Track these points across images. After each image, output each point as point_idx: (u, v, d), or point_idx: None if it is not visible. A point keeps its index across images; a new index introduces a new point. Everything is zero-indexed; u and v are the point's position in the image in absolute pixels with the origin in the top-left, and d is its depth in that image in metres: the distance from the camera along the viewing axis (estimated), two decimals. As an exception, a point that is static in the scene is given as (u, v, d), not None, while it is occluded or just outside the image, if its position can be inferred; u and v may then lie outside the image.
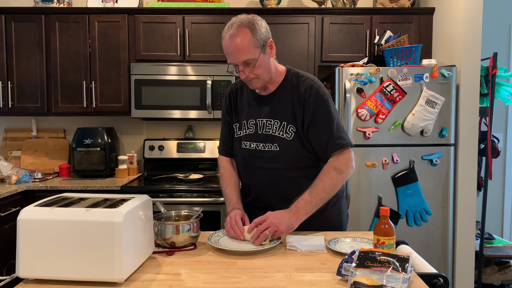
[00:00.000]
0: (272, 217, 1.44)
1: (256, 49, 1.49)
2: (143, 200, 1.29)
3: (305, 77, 1.63)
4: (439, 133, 2.77)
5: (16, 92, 3.19)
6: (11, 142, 3.54)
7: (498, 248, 3.00)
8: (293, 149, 1.59)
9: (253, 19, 1.52)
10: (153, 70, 3.12)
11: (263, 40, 1.51)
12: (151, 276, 1.20)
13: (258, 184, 1.68)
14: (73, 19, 3.16)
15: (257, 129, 1.64)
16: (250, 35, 1.48)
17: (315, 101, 1.57)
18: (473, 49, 2.78)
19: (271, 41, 1.56)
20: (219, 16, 3.17)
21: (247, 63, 1.50)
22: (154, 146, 3.41)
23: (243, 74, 1.52)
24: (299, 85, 1.60)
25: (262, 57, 1.51)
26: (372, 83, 2.73)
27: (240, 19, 1.50)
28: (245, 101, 1.70)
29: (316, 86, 1.59)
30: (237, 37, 1.47)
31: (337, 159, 1.56)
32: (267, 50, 1.54)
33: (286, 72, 1.66)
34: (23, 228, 1.13)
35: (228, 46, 1.49)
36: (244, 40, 1.47)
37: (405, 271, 1.05)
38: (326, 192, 1.53)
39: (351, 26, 3.17)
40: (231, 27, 1.50)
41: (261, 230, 1.41)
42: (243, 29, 1.48)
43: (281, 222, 1.43)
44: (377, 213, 2.78)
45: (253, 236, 1.42)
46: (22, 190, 2.83)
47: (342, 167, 1.55)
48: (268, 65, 1.56)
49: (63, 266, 1.12)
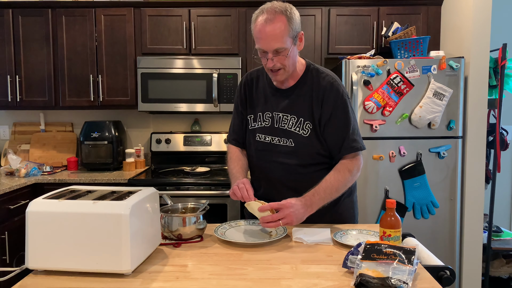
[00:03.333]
0: (291, 209, 1.40)
1: (289, 39, 1.45)
2: (150, 193, 1.29)
3: (325, 74, 1.60)
4: (446, 125, 2.74)
5: (24, 86, 3.21)
6: (20, 136, 3.58)
7: (506, 241, 2.98)
8: (309, 146, 1.58)
9: (290, 7, 1.47)
10: (160, 63, 3.12)
11: (296, 31, 1.48)
12: (158, 268, 1.21)
13: (269, 178, 1.67)
14: (80, 13, 3.17)
15: (273, 122, 1.61)
16: (287, 23, 1.44)
17: (335, 100, 1.55)
18: (482, 40, 2.74)
19: (302, 33, 1.53)
20: (225, 8, 3.16)
21: (278, 52, 1.46)
22: (161, 140, 3.42)
23: (271, 63, 1.48)
24: (319, 82, 1.58)
25: (293, 48, 1.48)
26: (379, 75, 2.71)
27: (277, 5, 1.45)
28: (261, 92, 1.67)
29: (336, 85, 1.57)
30: (273, 23, 1.42)
31: (350, 162, 1.56)
32: (297, 42, 1.51)
33: (306, 67, 1.62)
34: (32, 220, 1.14)
35: (262, 31, 1.44)
36: (280, 27, 1.43)
37: (411, 263, 1.05)
38: (338, 192, 1.54)
39: (358, 18, 3.15)
40: (267, 11, 1.44)
41: (276, 218, 1.39)
42: (280, 16, 1.43)
43: (296, 217, 1.42)
44: (383, 205, 2.77)
45: (265, 219, 1.39)
46: (31, 183, 2.86)
47: (354, 170, 1.56)
48: (295, 58, 1.54)
49: (71, 257, 1.13)
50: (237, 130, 1.75)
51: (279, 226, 1.41)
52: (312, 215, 1.62)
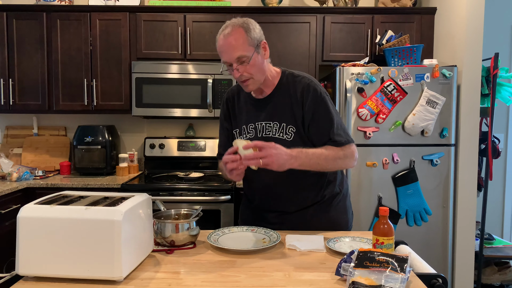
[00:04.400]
0: (273, 150, 1.38)
1: (250, 47, 1.50)
2: (143, 199, 1.29)
3: (301, 77, 1.63)
4: (439, 133, 2.77)
5: (17, 90, 3.19)
6: (12, 140, 3.55)
7: (498, 248, 3.00)
8: None
9: (247, 20, 1.54)
10: (154, 68, 3.12)
11: (257, 40, 1.52)
12: (150, 275, 1.20)
13: (262, 187, 1.67)
14: (75, 17, 3.17)
15: (256, 133, 1.63)
16: (244, 33, 1.49)
17: (314, 99, 1.57)
18: (475, 49, 2.77)
19: (264, 42, 1.56)
20: (221, 14, 3.17)
21: (241, 61, 1.50)
22: (154, 145, 3.41)
23: (237, 73, 1.52)
24: (296, 85, 1.60)
25: (256, 56, 1.52)
26: (373, 82, 2.73)
27: (234, 21, 1.53)
28: (242, 106, 1.70)
29: (312, 85, 1.60)
30: (231, 35, 1.49)
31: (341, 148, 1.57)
32: (261, 51, 1.54)
33: (281, 74, 1.65)
34: (23, 225, 1.13)
35: (223, 45, 1.51)
36: (238, 38, 1.48)
37: (404, 271, 1.05)
38: (326, 162, 1.52)
39: (352, 26, 3.17)
40: (225, 28, 1.52)
41: (257, 156, 1.37)
42: (238, 28, 1.50)
43: (277, 160, 1.39)
44: (377, 212, 2.78)
45: (247, 156, 1.38)
46: (23, 188, 2.83)
47: (348, 154, 1.56)
48: (262, 66, 1.55)
49: (62, 264, 1.12)
50: (223, 146, 1.75)
51: (258, 165, 1.38)
52: (305, 220, 1.63)
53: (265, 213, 1.69)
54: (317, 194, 1.65)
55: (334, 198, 1.69)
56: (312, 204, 1.65)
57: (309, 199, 1.65)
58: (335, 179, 1.69)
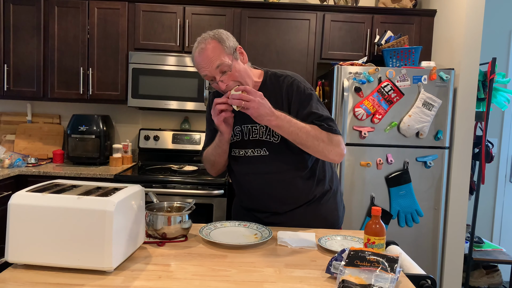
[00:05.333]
0: (259, 98, 1.39)
1: (228, 56, 1.48)
2: (136, 190, 1.28)
3: (284, 76, 1.60)
4: (434, 135, 2.78)
5: (12, 76, 3.16)
6: (5, 126, 3.52)
7: (487, 252, 3.03)
8: (282, 151, 1.57)
9: (218, 31, 1.52)
10: (152, 59, 3.10)
11: (232, 47, 1.50)
12: (141, 266, 1.20)
13: (253, 190, 1.66)
14: (73, 4, 3.13)
15: (243, 135, 1.61)
16: (218, 44, 1.47)
17: (299, 96, 1.56)
18: (472, 54, 2.78)
19: (240, 47, 1.54)
20: (220, 8, 3.15)
21: (223, 70, 1.47)
22: (149, 136, 3.40)
23: (222, 85, 1.48)
24: (279, 85, 1.58)
25: (235, 63, 1.50)
26: (370, 82, 2.73)
27: (205, 35, 1.51)
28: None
29: (296, 82, 1.58)
30: (206, 50, 1.46)
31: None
32: (238, 56, 1.52)
33: (264, 75, 1.63)
34: (13, 213, 1.12)
35: (200, 61, 1.48)
36: (213, 50, 1.46)
37: (394, 272, 1.06)
38: (307, 136, 1.47)
39: (352, 25, 3.17)
40: (198, 44, 1.50)
41: (242, 97, 1.38)
42: (210, 40, 1.48)
43: (258, 109, 1.39)
44: (369, 212, 2.79)
45: (233, 95, 1.39)
46: (15, 175, 2.81)
47: (333, 141, 1.51)
48: (245, 70, 1.53)
49: (52, 252, 1.11)
50: (209, 142, 1.72)
51: (241, 104, 1.39)
52: (296, 219, 1.63)
53: (256, 213, 1.68)
54: (308, 194, 1.64)
55: (325, 195, 1.68)
56: (303, 204, 1.65)
57: (300, 199, 1.64)
58: (325, 177, 1.68)
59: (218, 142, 1.60)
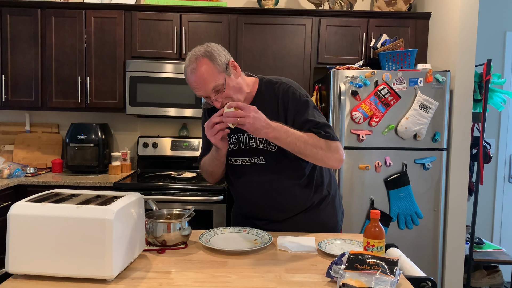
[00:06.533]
0: (253, 113, 1.38)
1: (220, 74, 1.46)
2: (135, 198, 1.29)
3: (279, 83, 1.59)
4: (432, 137, 2.79)
5: (10, 86, 3.17)
6: (4, 136, 3.52)
7: (488, 252, 3.03)
8: (279, 159, 1.57)
9: (208, 47, 1.49)
10: (149, 67, 3.11)
11: (224, 64, 1.48)
12: (141, 274, 1.20)
13: (251, 198, 1.66)
14: (70, 14, 3.15)
15: (239, 144, 1.61)
16: (210, 62, 1.45)
17: (295, 104, 1.55)
18: (468, 55, 2.80)
19: (232, 61, 1.52)
20: (217, 15, 3.17)
21: (217, 90, 1.47)
22: (148, 144, 3.40)
23: (217, 103, 1.48)
24: (275, 92, 1.57)
25: (228, 80, 1.48)
26: (367, 86, 2.75)
27: (196, 51, 1.48)
28: None
29: (292, 90, 1.57)
30: (198, 70, 1.45)
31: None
32: (231, 71, 1.51)
33: (258, 83, 1.62)
34: (13, 223, 1.13)
35: (193, 82, 1.47)
36: (206, 70, 1.44)
37: (394, 274, 1.06)
38: (305, 146, 1.46)
39: (347, 29, 3.19)
40: (190, 62, 1.47)
41: (237, 114, 1.37)
42: (202, 59, 1.45)
43: (254, 122, 1.37)
44: (368, 215, 2.79)
45: (227, 113, 1.38)
46: (14, 185, 2.81)
47: (332, 147, 1.50)
48: (237, 86, 1.52)
49: (53, 262, 1.12)
50: (205, 150, 1.73)
51: (235, 122, 1.37)
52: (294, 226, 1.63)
53: (255, 220, 1.68)
54: (306, 201, 1.64)
55: (323, 201, 1.68)
56: (302, 211, 1.65)
57: (298, 207, 1.64)
58: (323, 183, 1.68)
59: (215, 155, 1.59)
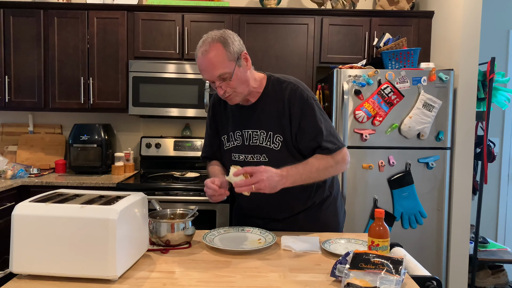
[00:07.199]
0: (264, 174, 1.37)
1: (230, 63, 1.45)
2: (139, 198, 1.29)
3: (287, 82, 1.59)
4: (435, 136, 2.78)
5: (13, 87, 3.17)
6: (7, 137, 3.53)
7: (492, 252, 3.01)
8: (282, 159, 1.55)
9: (225, 33, 1.49)
10: (152, 67, 3.11)
11: (237, 53, 1.47)
12: (145, 274, 1.20)
13: (251, 199, 1.63)
14: (72, 15, 3.15)
15: (243, 140, 1.61)
16: (223, 48, 1.44)
17: (301, 106, 1.54)
18: (471, 54, 2.79)
19: (245, 53, 1.52)
20: (219, 15, 3.17)
21: (223, 78, 1.46)
22: (151, 144, 3.40)
23: (220, 90, 1.49)
24: (282, 91, 1.57)
25: (237, 70, 1.47)
26: (370, 85, 2.74)
27: (212, 35, 1.48)
28: (229, 112, 1.67)
29: (299, 90, 1.56)
30: (209, 53, 1.44)
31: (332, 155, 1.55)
32: (242, 62, 1.50)
33: (267, 80, 1.61)
34: (17, 223, 1.13)
35: (202, 63, 1.46)
36: (217, 55, 1.44)
37: (399, 273, 1.06)
38: (318, 173, 1.50)
39: (350, 28, 3.18)
40: (203, 44, 1.47)
41: (249, 182, 1.36)
42: (215, 44, 1.45)
43: (270, 183, 1.38)
44: (372, 215, 2.79)
45: (238, 183, 1.37)
46: (18, 185, 2.82)
47: (339, 160, 1.54)
48: (244, 78, 1.51)
49: (57, 262, 1.12)
50: (213, 145, 1.75)
51: (251, 191, 1.37)
52: (295, 225, 1.63)
53: (256, 219, 1.68)
54: (307, 201, 1.64)
55: (325, 201, 1.68)
56: (302, 211, 1.65)
57: (299, 206, 1.64)
58: (325, 183, 1.67)
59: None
